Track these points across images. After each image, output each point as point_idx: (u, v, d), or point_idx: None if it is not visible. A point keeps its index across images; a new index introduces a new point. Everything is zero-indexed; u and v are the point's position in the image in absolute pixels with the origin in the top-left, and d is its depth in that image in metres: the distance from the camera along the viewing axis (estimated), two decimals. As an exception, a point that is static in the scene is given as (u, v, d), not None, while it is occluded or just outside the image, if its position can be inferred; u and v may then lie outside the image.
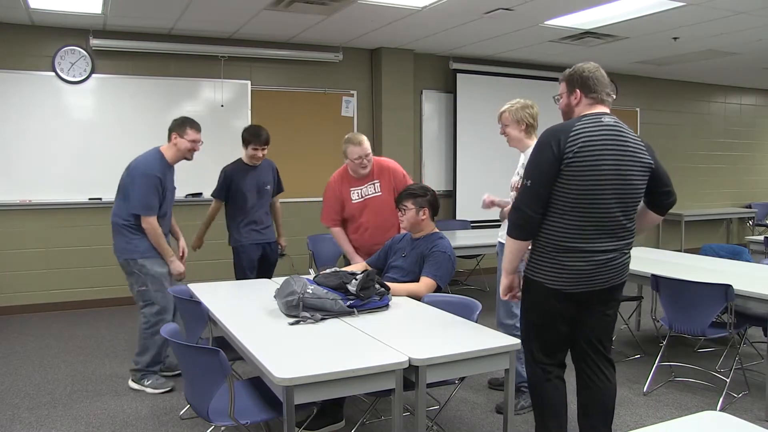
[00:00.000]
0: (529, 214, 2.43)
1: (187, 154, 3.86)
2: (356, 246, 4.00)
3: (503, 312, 3.50)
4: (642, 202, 2.58)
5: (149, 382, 3.80)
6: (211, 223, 4.66)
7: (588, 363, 2.63)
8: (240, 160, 4.55)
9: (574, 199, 2.39)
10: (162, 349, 3.85)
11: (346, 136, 3.90)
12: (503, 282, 2.65)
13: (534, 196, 2.42)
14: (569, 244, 2.43)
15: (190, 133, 3.82)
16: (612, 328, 2.67)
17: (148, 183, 3.67)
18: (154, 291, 3.76)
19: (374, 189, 3.92)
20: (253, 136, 4.42)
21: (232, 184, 4.44)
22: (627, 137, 2.45)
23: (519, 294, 2.66)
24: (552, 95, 2.73)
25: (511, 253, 2.56)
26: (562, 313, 2.53)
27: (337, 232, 4.03)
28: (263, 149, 4.44)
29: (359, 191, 3.93)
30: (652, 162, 2.50)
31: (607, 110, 2.53)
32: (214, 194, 4.54)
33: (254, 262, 4.52)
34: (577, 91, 2.53)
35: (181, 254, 4.01)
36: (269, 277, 4.43)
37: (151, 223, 3.69)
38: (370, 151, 3.85)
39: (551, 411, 2.60)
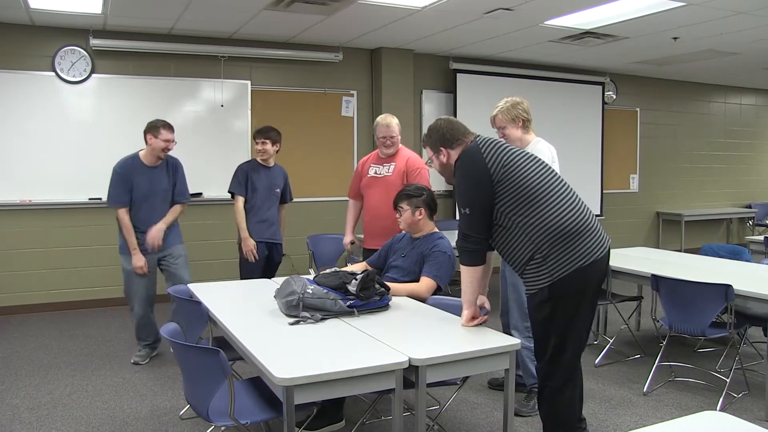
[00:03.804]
0: (479, 237, 2.55)
1: (160, 154, 4.19)
2: (365, 226, 4.25)
3: (517, 315, 3.45)
4: None
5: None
6: (244, 219, 4.56)
7: None
8: (253, 159, 4.71)
9: (537, 187, 2.47)
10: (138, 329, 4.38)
11: (383, 114, 4.22)
12: (466, 314, 2.62)
13: (478, 220, 2.54)
14: (566, 227, 2.44)
15: (164, 133, 4.15)
16: None
17: (113, 178, 4.16)
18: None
19: (388, 170, 4.15)
20: (257, 131, 4.62)
21: (248, 180, 4.53)
22: None
23: (485, 317, 2.65)
24: (552, 95, 2.77)
25: (471, 283, 2.61)
26: (592, 294, 2.54)
27: (351, 204, 4.40)
28: (263, 142, 4.56)
29: (377, 168, 4.19)
30: None
31: None
32: (236, 190, 4.54)
33: (261, 260, 4.56)
34: (442, 149, 2.69)
35: (147, 238, 4.24)
36: (271, 277, 4.43)
37: (117, 213, 4.16)
38: (396, 134, 4.12)
39: (573, 421, 2.60)
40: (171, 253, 4.32)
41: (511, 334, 3.36)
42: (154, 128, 4.14)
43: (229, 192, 4.61)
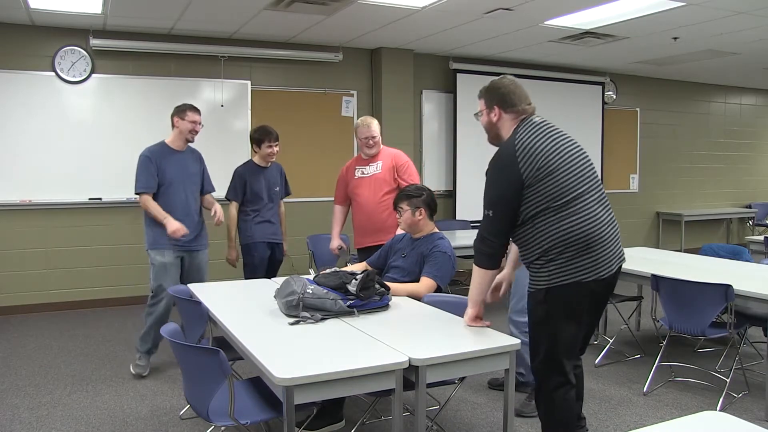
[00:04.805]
0: (497, 242, 2.50)
1: (188, 135, 4.16)
2: (356, 226, 4.30)
3: (513, 305, 3.49)
4: None
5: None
6: (236, 226, 4.57)
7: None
8: (251, 161, 4.64)
9: (566, 193, 2.40)
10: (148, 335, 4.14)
11: (360, 118, 4.33)
12: (470, 312, 2.60)
13: (499, 224, 2.49)
14: (579, 238, 2.39)
15: (190, 115, 4.13)
16: None
17: (140, 163, 4.06)
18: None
19: (375, 168, 4.24)
20: (264, 134, 4.53)
21: (247, 184, 4.50)
22: (556, 127, 2.59)
23: (488, 323, 2.63)
24: (552, 95, 2.75)
25: (480, 284, 2.58)
26: (588, 308, 2.50)
27: (337, 210, 4.51)
28: (277, 145, 4.56)
29: (363, 169, 4.29)
30: None
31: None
32: (231, 196, 4.53)
33: (265, 260, 4.57)
34: (496, 107, 2.60)
35: (213, 213, 4.18)
36: (272, 276, 4.44)
37: (141, 199, 4.04)
38: (377, 134, 4.21)
39: (571, 421, 2.60)
40: (199, 256, 4.24)
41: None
42: (180, 111, 4.14)
43: (226, 198, 4.59)
